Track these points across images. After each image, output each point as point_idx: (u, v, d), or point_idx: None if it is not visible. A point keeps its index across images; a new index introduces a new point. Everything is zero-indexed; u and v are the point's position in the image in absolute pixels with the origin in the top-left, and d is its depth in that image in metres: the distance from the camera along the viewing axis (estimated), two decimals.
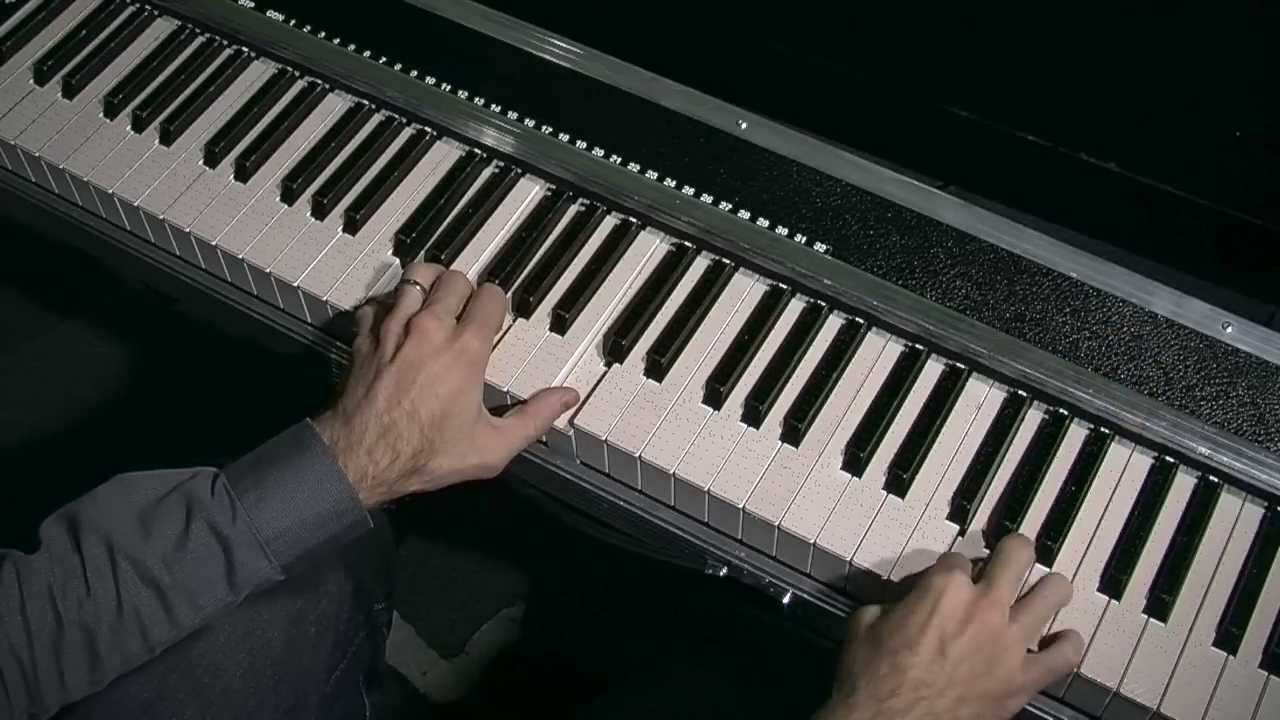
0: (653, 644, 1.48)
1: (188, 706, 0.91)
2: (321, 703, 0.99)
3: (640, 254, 1.06)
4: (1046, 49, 1.06)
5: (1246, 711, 0.83)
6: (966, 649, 0.81)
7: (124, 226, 1.17)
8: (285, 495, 0.86)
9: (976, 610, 0.82)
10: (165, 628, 0.84)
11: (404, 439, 0.90)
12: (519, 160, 1.11)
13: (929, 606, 0.82)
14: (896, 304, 0.99)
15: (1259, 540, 0.90)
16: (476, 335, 0.94)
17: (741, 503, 0.93)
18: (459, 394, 0.92)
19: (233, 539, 0.84)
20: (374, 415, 0.90)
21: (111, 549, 0.83)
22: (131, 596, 0.82)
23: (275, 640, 0.95)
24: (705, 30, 1.16)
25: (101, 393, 1.67)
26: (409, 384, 0.91)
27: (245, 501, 0.85)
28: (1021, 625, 0.83)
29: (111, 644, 0.83)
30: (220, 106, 1.18)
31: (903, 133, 1.12)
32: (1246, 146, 1.00)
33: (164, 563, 0.83)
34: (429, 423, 0.90)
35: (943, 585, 0.83)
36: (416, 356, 0.92)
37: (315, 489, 0.87)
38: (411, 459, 0.90)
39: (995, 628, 0.82)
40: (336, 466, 0.87)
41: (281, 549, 0.86)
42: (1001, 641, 0.82)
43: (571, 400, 0.98)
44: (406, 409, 0.90)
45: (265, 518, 0.85)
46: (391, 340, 0.93)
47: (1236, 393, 0.94)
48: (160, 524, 0.84)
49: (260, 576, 0.86)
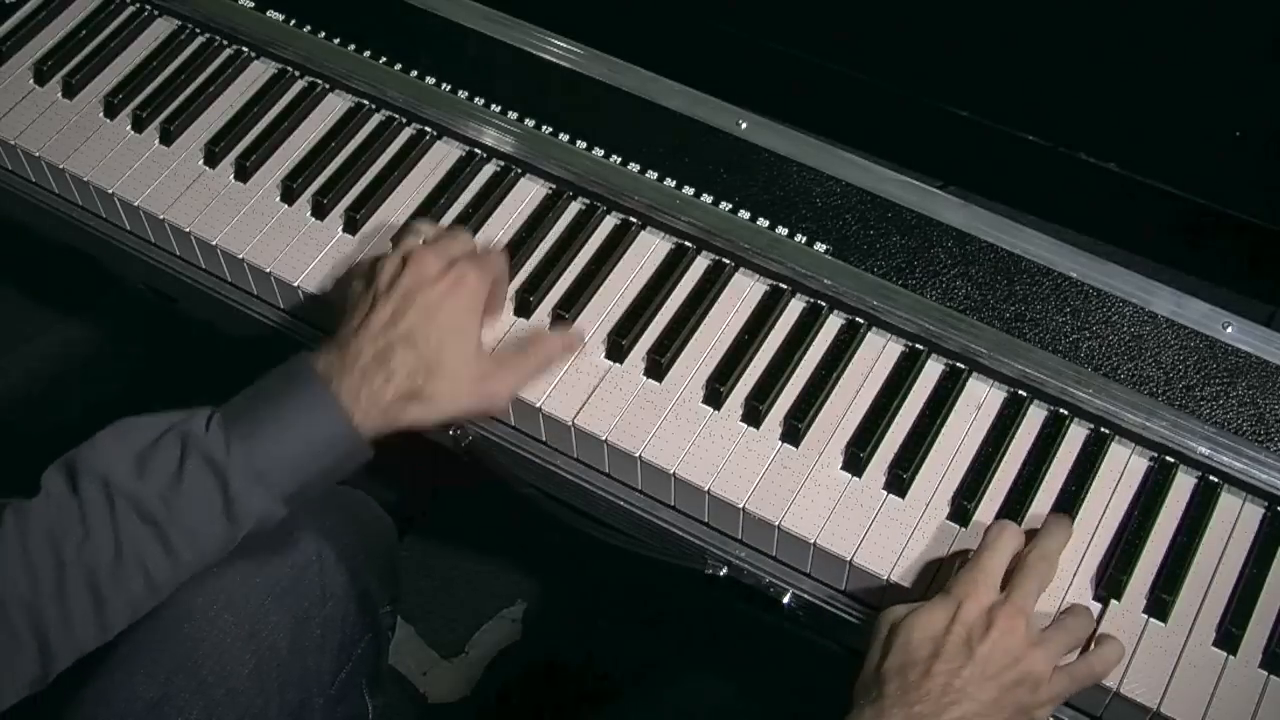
0: (652, 644, 1.48)
1: (193, 707, 0.90)
2: (326, 705, 0.99)
3: (640, 254, 1.06)
4: (1046, 49, 1.06)
5: (1246, 711, 0.83)
6: (992, 653, 0.80)
7: (124, 226, 1.17)
8: (279, 424, 0.86)
9: (1000, 616, 0.81)
10: (166, 566, 0.83)
11: (399, 359, 0.89)
12: (519, 160, 1.11)
13: (953, 612, 0.82)
14: (896, 304, 0.99)
15: (1259, 540, 0.90)
16: (474, 269, 0.94)
17: (741, 503, 0.93)
18: (457, 320, 0.92)
19: (228, 470, 0.84)
20: (369, 339, 0.90)
21: (109, 489, 0.82)
22: (131, 535, 0.82)
23: (281, 642, 0.95)
24: (705, 30, 1.16)
25: (101, 393, 1.67)
26: (404, 309, 0.91)
27: (239, 433, 0.85)
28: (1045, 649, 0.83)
29: (114, 585, 0.82)
30: (220, 106, 1.18)
31: (903, 133, 1.12)
32: (1246, 146, 1.00)
33: (161, 499, 0.83)
34: (425, 346, 0.90)
35: (967, 590, 0.83)
36: (413, 284, 0.92)
37: (308, 416, 0.86)
38: (408, 378, 0.89)
39: (1020, 634, 0.81)
40: (328, 393, 0.87)
41: (277, 480, 0.85)
42: (1027, 649, 0.81)
43: (573, 343, 0.99)
44: (402, 332, 0.90)
45: (259, 448, 0.85)
46: (388, 272, 0.93)
47: (1236, 393, 0.94)
48: (156, 462, 0.84)
49: (259, 509, 0.85)
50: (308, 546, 0.98)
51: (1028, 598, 0.84)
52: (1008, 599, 0.83)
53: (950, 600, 0.83)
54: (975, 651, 0.80)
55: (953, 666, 0.80)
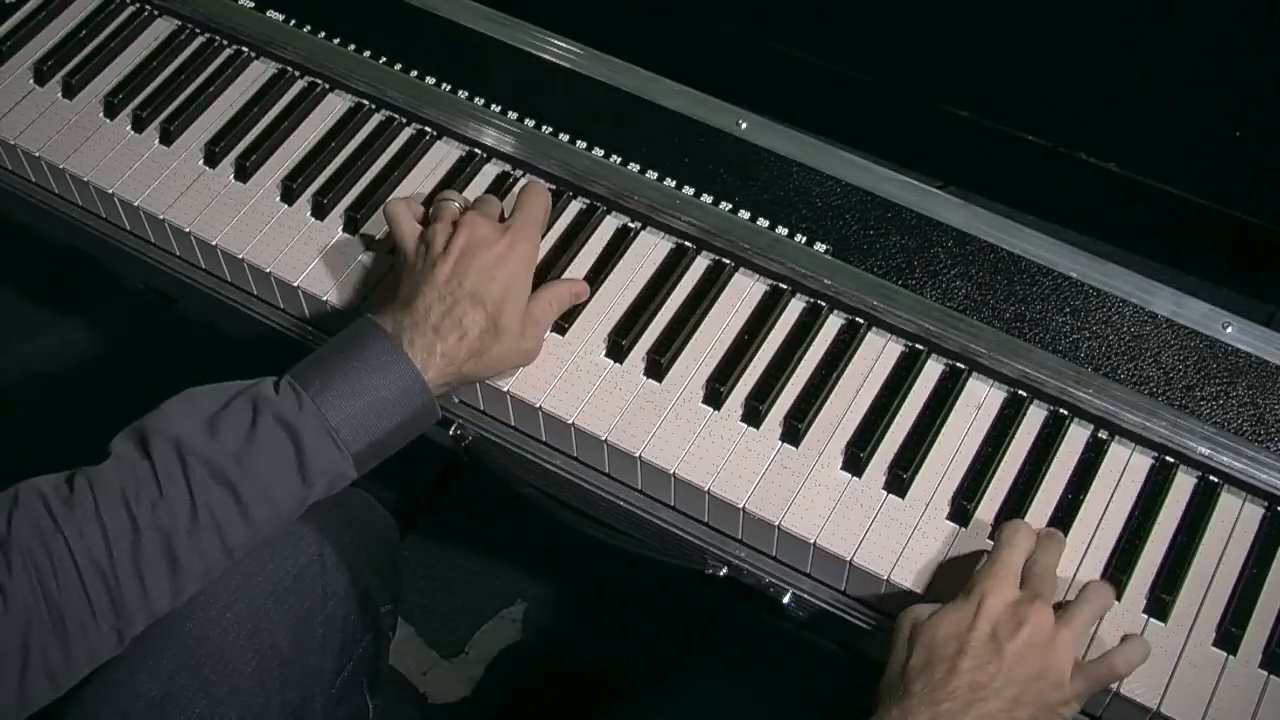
0: (652, 644, 1.48)
1: (196, 705, 0.90)
2: (327, 704, 0.99)
3: (640, 254, 1.06)
4: (1046, 49, 1.06)
5: (1246, 711, 0.83)
6: (1021, 650, 0.80)
7: (124, 226, 1.17)
8: (350, 380, 0.87)
9: (1030, 612, 0.81)
10: (241, 527, 0.84)
11: (470, 317, 0.91)
12: (519, 160, 1.11)
13: (976, 609, 0.81)
14: (896, 304, 0.99)
15: (1259, 540, 0.90)
16: (524, 232, 0.97)
17: (741, 503, 0.93)
18: (515, 281, 0.94)
19: (300, 427, 0.84)
20: (436, 297, 0.91)
21: (181, 451, 0.83)
22: (205, 496, 0.82)
23: (282, 641, 0.95)
24: (705, 30, 1.16)
25: (101, 393, 1.67)
26: (465, 268, 0.92)
27: (311, 391, 0.86)
28: (1071, 629, 0.82)
29: (189, 547, 0.82)
30: (220, 106, 1.18)
31: (903, 133, 1.12)
32: (1246, 146, 1.00)
33: (234, 459, 0.83)
34: (491, 305, 0.92)
35: (990, 586, 0.83)
36: (470, 244, 0.94)
37: (380, 372, 0.87)
38: (479, 338, 0.91)
39: (1047, 629, 0.81)
40: (400, 349, 0.88)
41: (350, 436, 0.86)
42: (1054, 644, 0.81)
43: (580, 290, 1.01)
44: (469, 290, 0.91)
45: (332, 405, 0.86)
46: (441, 235, 0.95)
47: (1236, 393, 0.94)
48: (228, 424, 0.84)
49: (332, 467, 0.86)
50: (309, 546, 0.98)
51: (1048, 589, 0.84)
52: (1034, 593, 0.83)
53: (973, 598, 0.82)
54: (1005, 648, 0.80)
55: (980, 663, 0.79)
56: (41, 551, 0.79)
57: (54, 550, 0.79)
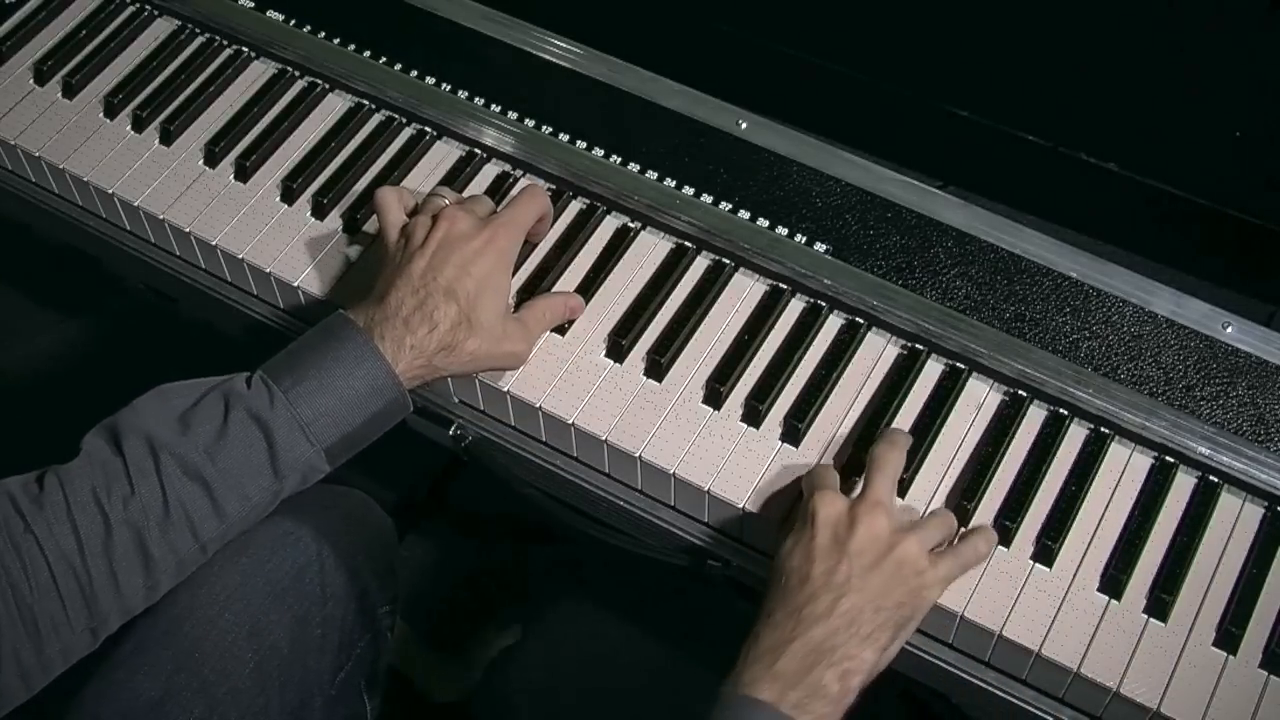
0: (653, 644, 1.48)
1: (195, 705, 0.90)
2: (325, 705, 0.99)
3: (640, 254, 1.06)
4: (1046, 49, 1.06)
5: (1246, 711, 0.83)
6: (862, 544, 0.82)
7: (124, 226, 1.17)
8: (321, 375, 0.87)
9: (860, 511, 0.84)
10: (214, 522, 0.84)
11: (441, 310, 0.91)
12: (519, 160, 1.11)
13: (812, 522, 0.84)
14: (896, 304, 0.99)
15: (1259, 540, 0.90)
16: (504, 229, 0.97)
17: (741, 503, 0.93)
18: (492, 277, 0.94)
19: (271, 422, 0.84)
20: (409, 290, 0.91)
21: (153, 447, 0.83)
22: (177, 491, 0.82)
23: (281, 641, 0.95)
24: (705, 30, 1.16)
25: (102, 393, 1.66)
26: (442, 262, 0.93)
27: (282, 386, 0.86)
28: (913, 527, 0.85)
29: (162, 542, 0.82)
30: (220, 106, 1.18)
31: (903, 133, 1.12)
32: (1246, 146, 1.00)
33: (206, 454, 0.83)
34: (464, 299, 0.92)
35: (816, 501, 0.85)
36: (448, 239, 0.94)
37: (351, 366, 0.87)
38: (450, 331, 0.91)
39: (883, 522, 0.84)
40: (371, 343, 0.88)
41: (321, 430, 0.86)
42: (895, 536, 0.83)
43: (576, 306, 1.01)
44: (442, 284, 0.91)
45: (303, 399, 0.86)
46: (421, 228, 0.95)
47: (1236, 393, 0.94)
48: (199, 419, 0.84)
49: (304, 462, 0.86)
50: (308, 547, 0.98)
51: (880, 490, 0.86)
52: (862, 495, 0.86)
53: (803, 518, 0.85)
54: (847, 547, 0.82)
55: (829, 565, 0.82)
56: (11, 552, 0.79)
57: (24, 550, 0.79)
